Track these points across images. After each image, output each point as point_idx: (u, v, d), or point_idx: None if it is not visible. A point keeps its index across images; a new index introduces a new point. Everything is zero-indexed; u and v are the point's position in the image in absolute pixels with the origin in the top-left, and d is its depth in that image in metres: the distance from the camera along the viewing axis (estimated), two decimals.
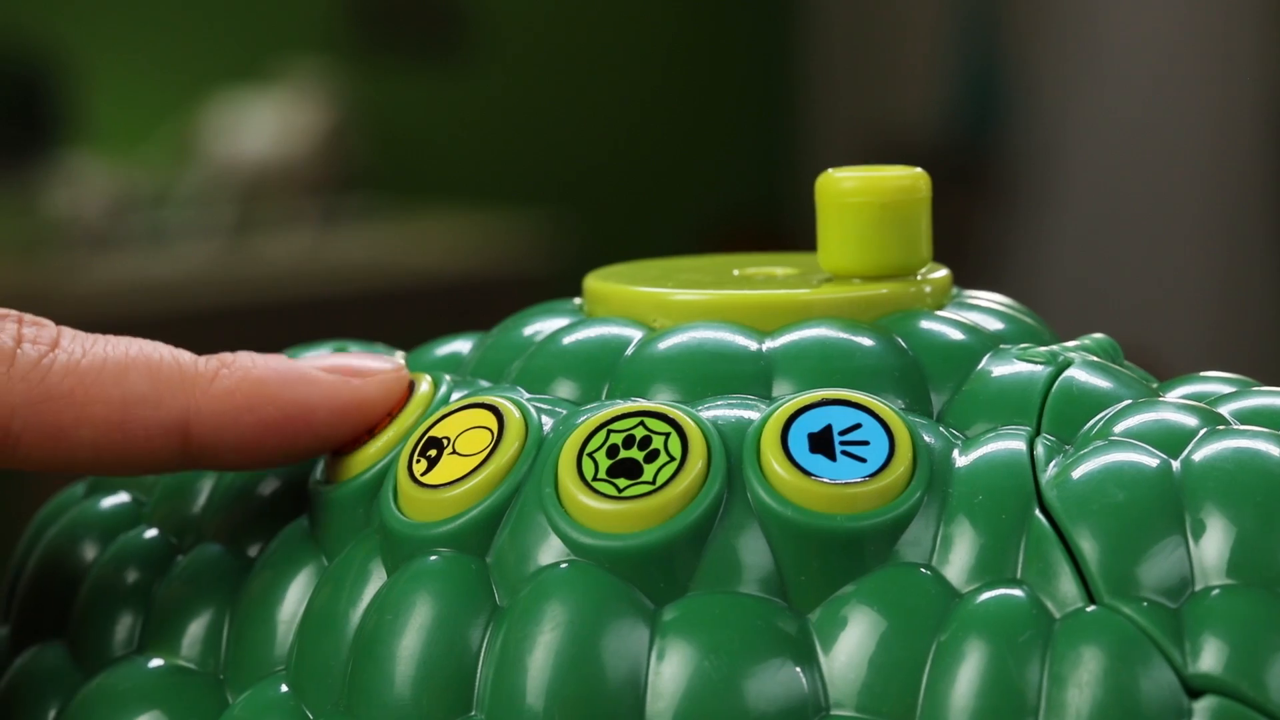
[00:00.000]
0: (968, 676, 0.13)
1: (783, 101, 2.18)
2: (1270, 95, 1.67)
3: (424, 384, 0.17)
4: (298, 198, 1.58)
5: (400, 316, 1.40)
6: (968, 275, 0.20)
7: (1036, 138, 1.93)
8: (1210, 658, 0.13)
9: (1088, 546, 0.14)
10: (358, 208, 1.63)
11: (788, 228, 1.82)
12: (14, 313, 0.15)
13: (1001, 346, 0.17)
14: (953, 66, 2.06)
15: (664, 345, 0.16)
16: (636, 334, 0.17)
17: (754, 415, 0.15)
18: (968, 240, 1.85)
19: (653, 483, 0.14)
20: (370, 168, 1.73)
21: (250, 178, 1.55)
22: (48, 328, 0.15)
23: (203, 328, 1.30)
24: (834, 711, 0.14)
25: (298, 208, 1.58)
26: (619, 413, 0.15)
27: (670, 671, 0.13)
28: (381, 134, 1.78)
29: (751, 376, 0.16)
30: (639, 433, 0.15)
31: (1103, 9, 1.90)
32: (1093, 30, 1.88)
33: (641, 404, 0.15)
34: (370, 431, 0.16)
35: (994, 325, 0.18)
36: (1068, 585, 0.13)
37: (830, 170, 0.18)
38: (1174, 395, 0.17)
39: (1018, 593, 0.14)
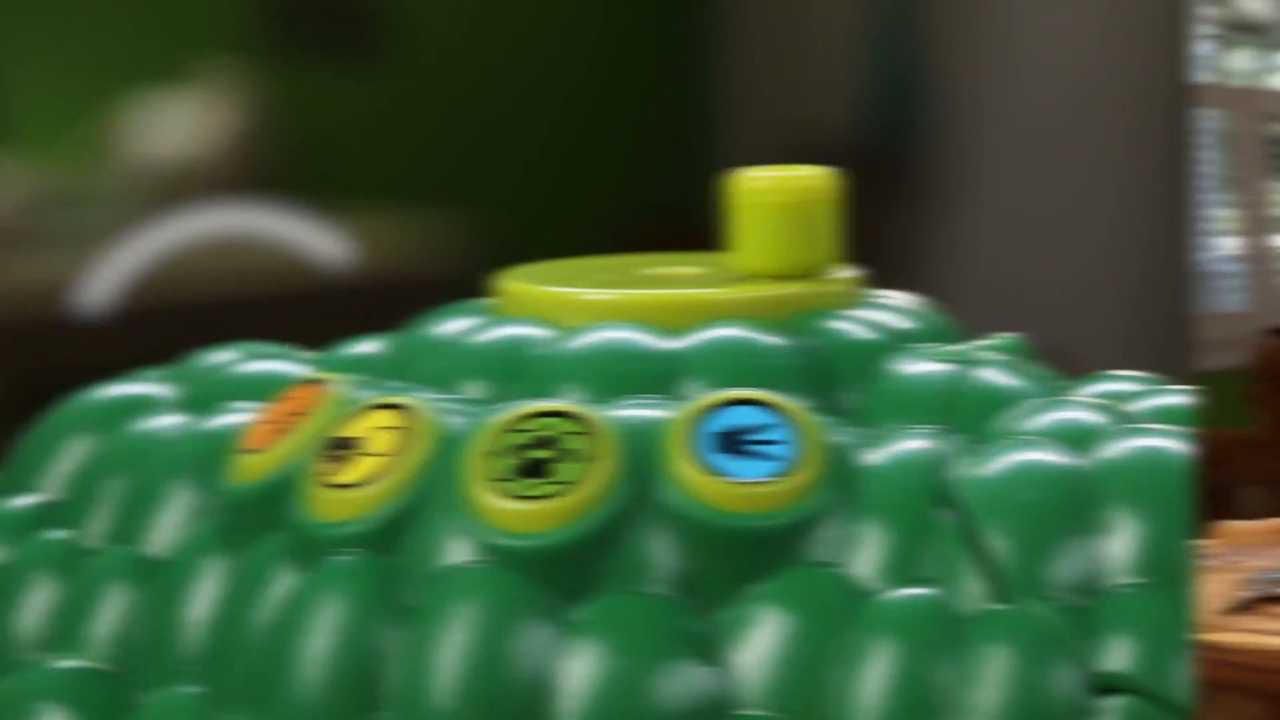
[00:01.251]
0: (876, 675, 0.13)
1: (698, 102, 2.18)
2: (1182, 92, 1.71)
3: (334, 385, 0.16)
4: (212, 197, 1.55)
5: (311, 317, 1.37)
6: (883, 276, 0.21)
7: (953, 138, 1.96)
8: (1118, 655, 0.13)
9: (997, 545, 0.14)
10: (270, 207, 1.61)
11: (702, 228, 1.82)
12: None
13: (911, 346, 0.17)
14: (869, 67, 2.08)
15: (573, 345, 0.16)
16: (546, 334, 0.17)
17: (663, 415, 0.15)
18: (883, 241, 1.87)
19: (561, 483, 0.14)
20: (283, 167, 1.71)
21: (165, 177, 1.52)
22: None
23: (117, 328, 1.27)
24: (742, 710, 0.14)
25: (212, 207, 1.55)
26: (528, 413, 0.15)
27: (578, 671, 0.13)
28: (295, 134, 1.75)
29: (660, 376, 0.16)
30: (548, 433, 0.14)
31: (1019, 7, 1.93)
32: (1009, 29, 1.91)
33: (550, 404, 0.15)
34: (280, 431, 0.16)
35: (903, 325, 0.18)
36: (977, 584, 0.14)
37: (741, 171, 0.18)
38: (1083, 394, 0.17)
39: (927, 592, 0.14)
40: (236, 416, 0.17)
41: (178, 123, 1.56)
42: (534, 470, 0.14)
